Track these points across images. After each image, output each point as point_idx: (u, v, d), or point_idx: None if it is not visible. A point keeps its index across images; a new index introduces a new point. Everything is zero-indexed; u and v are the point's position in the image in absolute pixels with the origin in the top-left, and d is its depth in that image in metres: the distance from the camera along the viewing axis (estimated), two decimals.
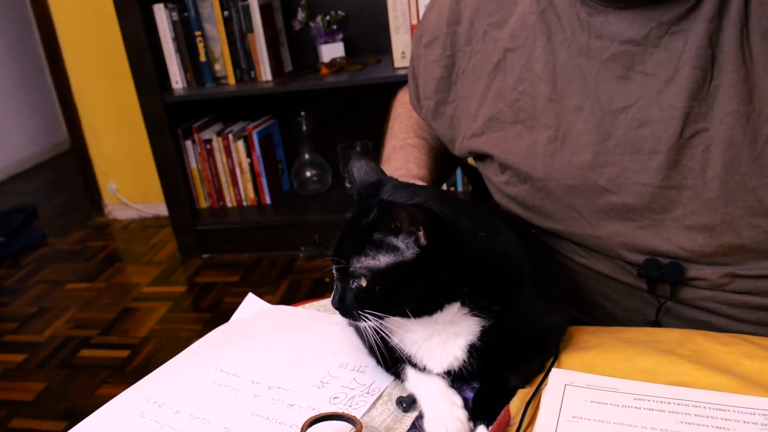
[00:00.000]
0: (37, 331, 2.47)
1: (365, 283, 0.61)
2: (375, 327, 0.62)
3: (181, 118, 2.76)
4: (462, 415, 0.64)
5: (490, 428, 0.61)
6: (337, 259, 0.63)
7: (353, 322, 0.66)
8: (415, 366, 0.68)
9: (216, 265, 2.80)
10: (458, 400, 0.66)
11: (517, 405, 0.63)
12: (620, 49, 0.69)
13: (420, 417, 0.66)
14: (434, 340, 0.66)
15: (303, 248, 2.72)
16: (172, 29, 2.61)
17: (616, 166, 0.71)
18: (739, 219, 0.67)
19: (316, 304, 0.91)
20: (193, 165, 2.82)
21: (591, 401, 0.63)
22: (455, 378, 0.67)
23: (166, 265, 2.86)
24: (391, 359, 0.69)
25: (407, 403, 0.67)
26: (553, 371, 0.68)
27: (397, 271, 0.60)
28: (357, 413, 0.67)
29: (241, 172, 2.81)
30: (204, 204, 2.90)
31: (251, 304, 0.94)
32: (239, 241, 2.82)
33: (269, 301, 0.94)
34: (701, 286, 0.73)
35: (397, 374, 0.70)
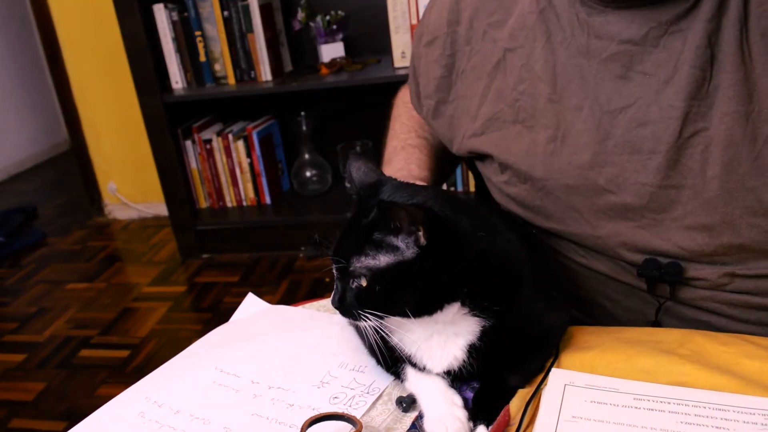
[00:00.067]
0: (37, 331, 2.47)
1: (365, 283, 0.61)
2: (375, 327, 0.63)
3: (181, 118, 2.76)
4: (462, 415, 0.64)
5: (490, 428, 0.61)
6: (337, 258, 0.63)
7: (353, 322, 0.66)
8: (415, 366, 0.68)
9: (216, 265, 2.80)
10: (458, 400, 0.66)
11: (517, 405, 0.63)
12: (619, 48, 0.69)
13: (420, 417, 0.66)
14: (434, 339, 0.66)
15: (303, 248, 2.72)
16: (172, 29, 2.61)
17: (615, 165, 0.71)
18: (738, 219, 0.67)
19: (316, 304, 0.91)
20: (193, 165, 2.82)
21: (591, 401, 0.63)
22: (455, 378, 0.67)
23: (166, 265, 2.86)
24: (391, 359, 0.70)
25: (407, 403, 0.67)
26: (553, 371, 0.68)
27: (397, 271, 0.60)
28: (357, 413, 0.67)
29: (241, 172, 2.81)
30: (204, 204, 2.90)
31: (251, 304, 0.94)
32: (239, 241, 2.82)
33: (269, 301, 0.94)
34: (701, 286, 0.72)
35: (397, 374, 0.70)
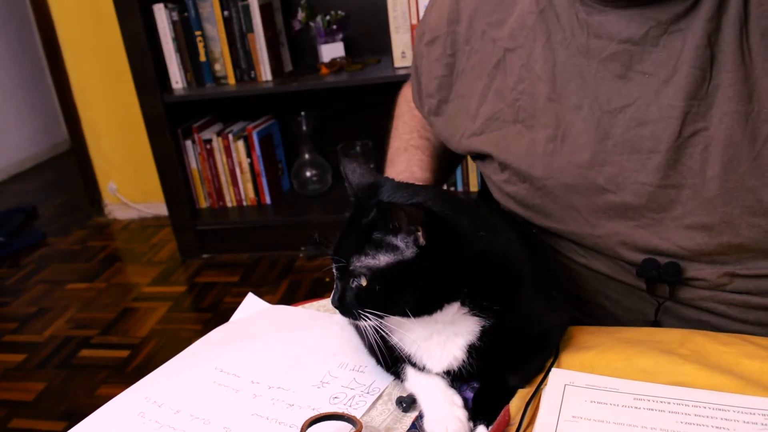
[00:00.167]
0: (37, 331, 2.47)
1: (365, 283, 0.61)
2: (375, 326, 0.63)
3: (181, 118, 2.76)
4: (462, 414, 0.64)
5: (490, 428, 0.61)
6: (337, 258, 0.63)
7: (353, 322, 0.66)
8: (415, 366, 0.68)
9: (216, 265, 2.80)
10: (458, 399, 0.66)
11: (516, 405, 0.63)
12: (619, 48, 0.69)
13: (420, 417, 0.66)
14: (434, 339, 0.66)
15: (303, 248, 2.72)
16: (172, 29, 2.61)
17: (614, 165, 0.71)
18: (738, 218, 0.67)
19: (316, 304, 0.91)
20: (193, 165, 2.82)
21: (591, 401, 0.63)
22: (455, 378, 0.67)
23: (166, 265, 2.86)
24: (391, 359, 0.70)
25: (407, 403, 0.67)
26: (553, 371, 0.68)
27: (396, 271, 0.60)
28: (357, 413, 0.67)
29: (241, 172, 2.81)
30: (204, 204, 2.90)
31: (251, 304, 0.94)
32: (239, 241, 2.82)
33: (269, 301, 0.94)
34: (700, 286, 0.72)
35: (397, 374, 0.70)
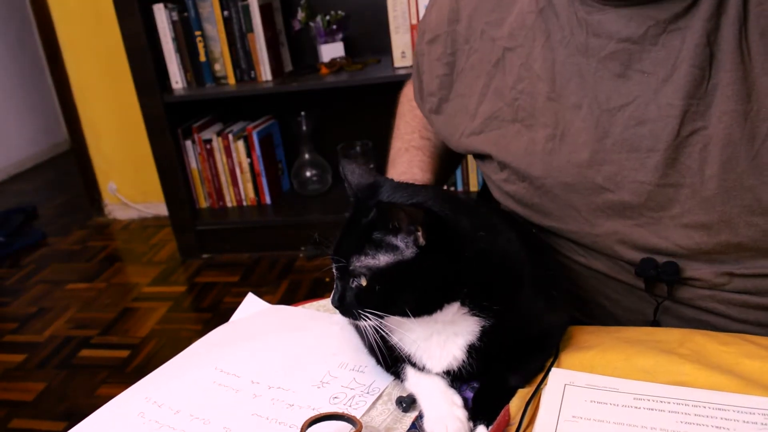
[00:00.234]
0: (37, 331, 2.47)
1: (365, 282, 0.61)
2: (375, 326, 0.63)
3: (181, 118, 2.76)
4: (462, 414, 0.64)
5: (490, 428, 0.61)
6: (337, 258, 0.63)
7: (353, 322, 0.66)
8: (415, 366, 0.68)
9: (216, 265, 2.80)
10: (458, 399, 0.66)
11: (516, 405, 0.63)
12: (618, 47, 0.69)
13: (420, 417, 0.66)
14: (433, 339, 0.66)
15: (303, 248, 2.72)
16: (172, 29, 2.61)
17: (613, 164, 0.71)
18: (736, 217, 0.67)
19: (316, 304, 0.91)
20: (193, 165, 2.82)
21: (591, 401, 0.63)
22: (455, 378, 0.67)
23: (166, 265, 2.86)
24: (391, 359, 0.69)
25: (407, 403, 0.67)
26: (553, 371, 0.68)
27: (396, 271, 0.60)
28: (357, 413, 0.67)
29: (241, 172, 2.81)
30: (204, 204, 2.90)
31: (251, 304, 0.94)
32: (239, 241, 2.82)
33: (269, 301, 0.94)
34: (699, 286, 0.73)
35: (397, 374, 0.70)
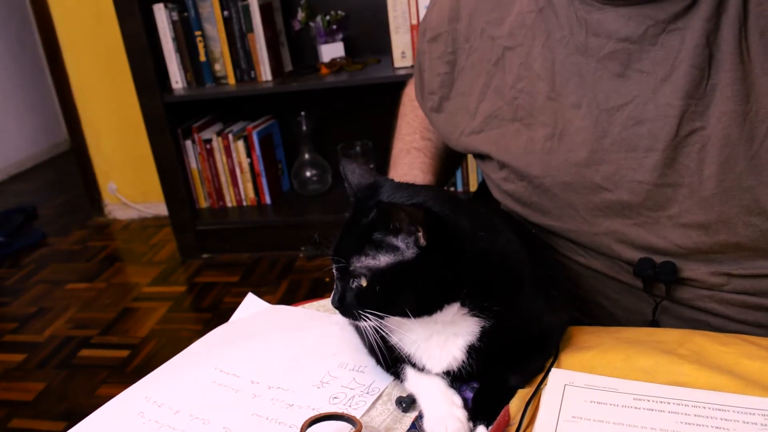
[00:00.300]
0: (37, 331, 2.47)
1: (365, 283, 0.61)
2: (375, 326, 0.63)
3: (181, 118, 2.76)
4: (462, 415, 0.64)
5: (490, 428, 0.61)
6: (337, 258, 0.63)
7: (353, 322, 0.66)
8: (415, 366, 0.68)
9: (216, 265, 2.80)
10: (458, 400, 0.66)
11: (516, 405, 0.63)
12: (617, 46, 0.69)
13: (420, 417, 0.66)
14: (433, 340, 0.66)
15: (303, 248, 2.72)
16: (172, 29, 2.61)
17: (612, 163, 0.71)
18: (734, 217, 0.67)
19: (316, 304, 0.91)
20: (193, 165, 2.82)
21: (590, 401, 0.63)
22: (455, 378, 0.67)
23: (166, 265, 2.86)
24: (390, 359, 0.69)
25: (407, 403, 0.67)
26: (553, 371, 0.68)
27: (397, 271, 0.60)
28: (357, 413, 0.67)
29: (241, 172, 2.81)
30: (204, 204, 2.90)
31: (251, 304, 0.94)
32: (239, 241, 2.82)
33: (269, 301, 0.94)
34: (697, 286, 0.73)
35: (397, 374, 0.70)
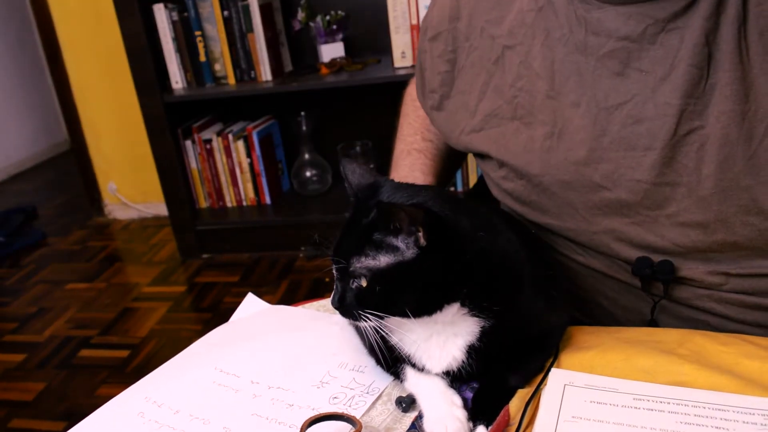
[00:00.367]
0: (37, 331, 2.47)
1: (365, 283, 0.61)
2: (375, 326, 0.63)
3: (181, 118, 2.76)
4: (461, 415, 0.64)
5: (490, 428, 0.61)
6: (337, 258, 0.63)
7: (353, 322, 0.66)
8: (415, 366, 0.68)
9: (216, 265, 2.80)
10: (458, 400, 0.66)
11: (516, 405, 0.63)
12: (617, 45, 0.69)
13: (419, 417, 0.66)
14: (433, 340, 0.66)
15: (303, 248, 2.72)
16: (172, 29, 2.61)
17: (610, 162, 0.71)
18: (733, 217, 0.67)
19: (316, 304, 0.91)
20: (193, 165, 2.82)
21: (590, 401, 0.63)
22: (455, 378, 0.67)
23: (166, 265, 2.86)
24: (390, 359, 0.69)
25: (407, 403, 0.67)
26: (553, 371, 0.68)
27: (397, 271, 0.60)
28: (356, 413, 0.67)
29: (241, 172, 2.81)
30: (204, 204, 2.90)
31: (251, 304, 0.94)
32: (239, 241, 2.82)
33: (269, 301, 0.94)
34: (695, 285, 0.73)
35: (397, 374, 0.70)
